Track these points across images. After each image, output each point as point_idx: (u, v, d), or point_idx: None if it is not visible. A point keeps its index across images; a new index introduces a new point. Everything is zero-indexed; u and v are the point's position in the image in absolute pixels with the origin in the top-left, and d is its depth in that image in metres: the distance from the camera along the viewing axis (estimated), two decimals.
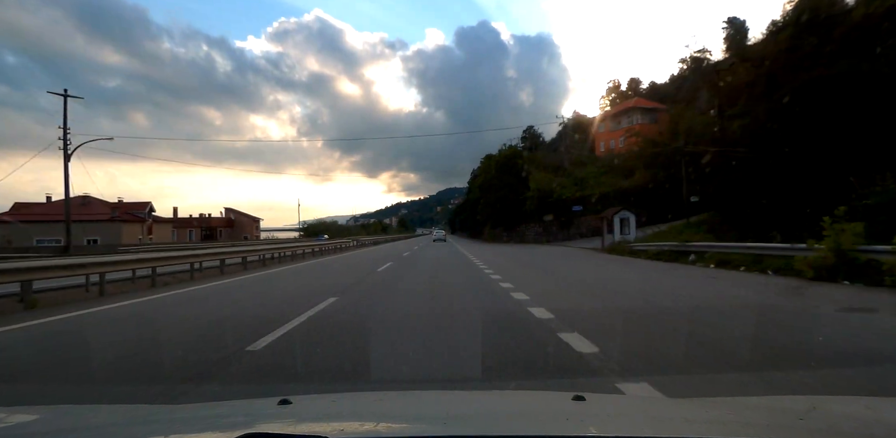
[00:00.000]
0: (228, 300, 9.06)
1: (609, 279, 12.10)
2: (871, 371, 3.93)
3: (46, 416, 1.64)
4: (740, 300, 8.12)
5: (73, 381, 4.02)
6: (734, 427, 1.32)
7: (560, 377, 3.90)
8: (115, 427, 1.48)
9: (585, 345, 4.62)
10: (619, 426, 1.35)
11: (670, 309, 7.20)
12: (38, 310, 7.81)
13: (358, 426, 1.33)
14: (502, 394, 2.53)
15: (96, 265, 9.86)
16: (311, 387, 3.65)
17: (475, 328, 5.71)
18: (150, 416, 1.64)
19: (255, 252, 18.24)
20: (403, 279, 12.05)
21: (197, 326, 6.44)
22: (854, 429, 1.29)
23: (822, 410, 1.50)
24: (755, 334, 5.17)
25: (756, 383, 3.58)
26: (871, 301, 7.65)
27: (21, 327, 6.41)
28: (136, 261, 11.11)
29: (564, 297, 8.82)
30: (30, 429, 1.46)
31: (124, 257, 11.40)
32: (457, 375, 3.95)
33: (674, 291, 9.51)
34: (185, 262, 13.13)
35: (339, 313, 6.98)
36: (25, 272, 8.21)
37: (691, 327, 5.68)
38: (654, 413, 1.56)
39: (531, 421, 1.41)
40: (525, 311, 6.66)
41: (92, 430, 1.44)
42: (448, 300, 8.45)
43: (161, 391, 3.59)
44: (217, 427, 1.42)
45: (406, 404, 1.79)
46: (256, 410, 1.70)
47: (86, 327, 6.52)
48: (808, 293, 8.59)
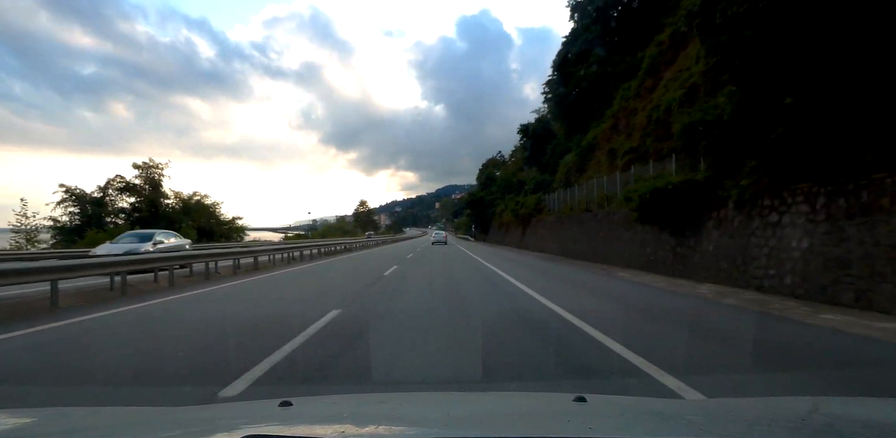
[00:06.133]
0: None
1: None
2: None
3: (46, 418, 1.63)
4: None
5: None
6: (735, 427, 1.34)
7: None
8: (115, 428, 1.48)
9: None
10: (621, 427, 1.35)
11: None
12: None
13: (359, 428, 1.33)
14: (503, 395, 2.52)
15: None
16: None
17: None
18: (151, 418, 1.64)
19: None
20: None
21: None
22: (855, 430, 1.30)
23: (823, 410, 1.52)
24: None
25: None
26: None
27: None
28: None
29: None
30: (29, 432, 1.45)
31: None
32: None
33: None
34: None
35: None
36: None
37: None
38: (655, 413, 1.55)
39: (532, 423, 1.42)
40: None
41: (92, 432, 1.44)
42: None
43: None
44: (218, 428, 1.43)
45: (407, 405, 1.79)
46: (257, 411, 1.70)
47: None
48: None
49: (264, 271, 17.08)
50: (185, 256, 14.84)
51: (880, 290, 7.47)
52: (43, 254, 21.50)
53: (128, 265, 11.03)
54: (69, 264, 9.96)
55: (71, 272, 9.48)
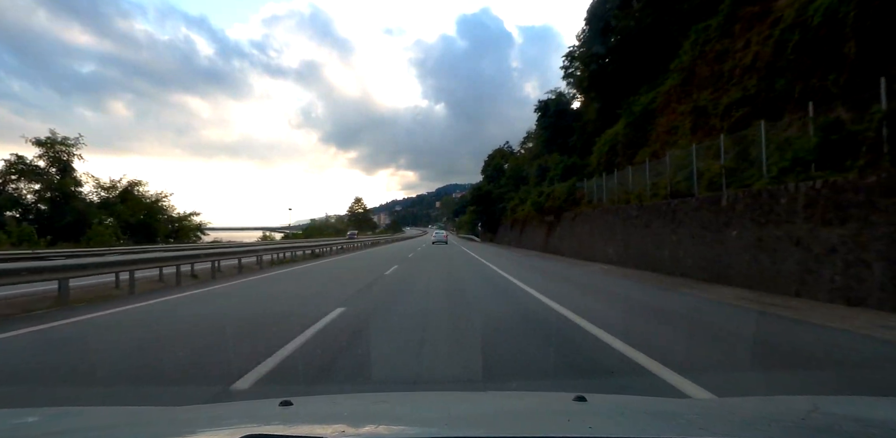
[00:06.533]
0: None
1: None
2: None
3: (46, 418, 1.63)
4: None
5: None
6: (735, 426, 1.32)
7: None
8: (115, 428, 1.47)
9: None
10: (621, 426, 1.32)
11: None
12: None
13: (359, 427, 1.33)
14: (503, 395, 2.53)
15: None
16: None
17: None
18: (151, 418, 1.62)
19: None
20: None
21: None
22: (855, 430, 1.26)
23: (823, 410, 1.49)
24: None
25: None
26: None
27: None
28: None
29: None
30: (28, 432, 1.45)
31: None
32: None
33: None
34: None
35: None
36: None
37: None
38: (655, 413, 1.52)
39: (533, 422, 1.41)
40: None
41: (92, 432, 1.44)
42: None
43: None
44: (218, 428, 1.44)
45: (407, 405, 1.80)
46: (257, 411, 1.70)
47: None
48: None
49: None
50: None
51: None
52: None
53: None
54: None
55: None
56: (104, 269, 10.60)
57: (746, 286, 10.13)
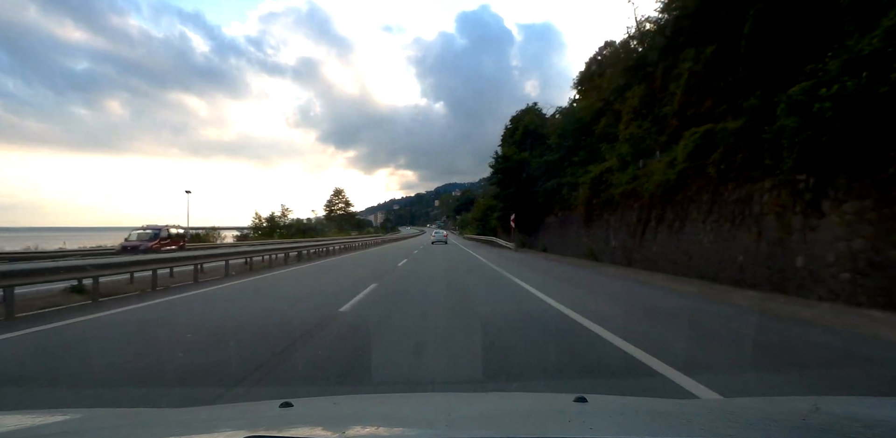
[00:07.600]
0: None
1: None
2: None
3: (46, 419, 1.60)
4: None
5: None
6: (735, 427, 1.33)
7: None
8: (116, 429, 1.47)
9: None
10: (621, 427, 1.33)
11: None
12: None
13: (360, 428, 1.34)
14: (504, 396, 2.50)
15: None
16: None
17: None
18: (152, 419, 1.62)
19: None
20: None
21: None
22: (856, 429, 1.26)
23: (823, 410, 1.46)
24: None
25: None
26: None
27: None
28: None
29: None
30: (30, 432, 1.43)
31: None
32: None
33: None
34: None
35: None
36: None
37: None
38: (655, 413, 1.52)
39: (533, 423, 1.41)
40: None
41: (94, 433, 1.43)
42: None
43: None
44: (218, 429, 1.45)
45: (408, 406, 1.82)
46: (258, 412, 1.72)
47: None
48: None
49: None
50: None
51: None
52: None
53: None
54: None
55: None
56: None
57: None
